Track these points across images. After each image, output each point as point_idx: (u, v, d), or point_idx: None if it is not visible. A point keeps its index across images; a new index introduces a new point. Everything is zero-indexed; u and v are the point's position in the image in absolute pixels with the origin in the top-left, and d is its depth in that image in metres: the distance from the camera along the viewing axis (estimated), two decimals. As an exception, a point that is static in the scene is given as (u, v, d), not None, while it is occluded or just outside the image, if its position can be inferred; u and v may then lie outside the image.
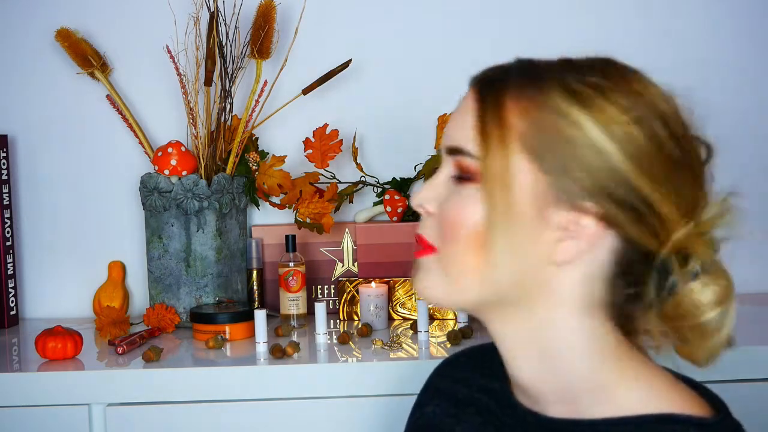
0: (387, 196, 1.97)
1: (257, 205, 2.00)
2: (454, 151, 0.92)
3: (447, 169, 0.94)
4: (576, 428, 0.92)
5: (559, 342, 0.93)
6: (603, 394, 0.92)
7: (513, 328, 0.94)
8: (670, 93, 0.93)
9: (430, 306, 1.77)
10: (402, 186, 1.99)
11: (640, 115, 0.88)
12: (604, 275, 0.91)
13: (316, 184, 1.95)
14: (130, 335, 1.74)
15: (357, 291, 1.89)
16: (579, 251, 0.89)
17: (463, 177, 0.92)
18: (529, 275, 0.91)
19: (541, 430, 0.95)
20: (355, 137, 2.00)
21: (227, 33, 1.91)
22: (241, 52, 1.92)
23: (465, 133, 0.91)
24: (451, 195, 0.93)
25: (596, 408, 0.92)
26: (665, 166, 0.89)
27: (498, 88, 0.91)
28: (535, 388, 0.95)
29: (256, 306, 1.97)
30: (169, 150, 1.87)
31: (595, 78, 0.89)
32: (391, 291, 1.89)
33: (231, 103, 1.91)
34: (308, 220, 1.90)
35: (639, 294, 0.92)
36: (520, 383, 0.97)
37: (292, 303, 1.87)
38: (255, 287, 1.97)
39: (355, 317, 1.90)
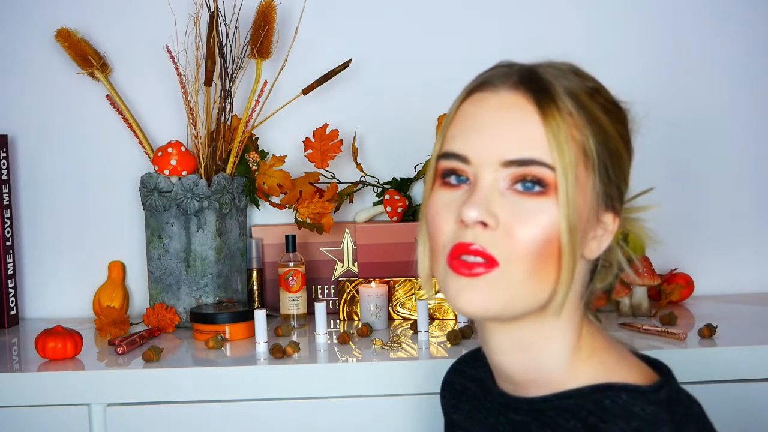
0: (387, 196, 1.97)
1: (257, 205, 2.00)
2: (527, 163, 0.92)
3: (499, 180, 0.93)
4: (531, 405, 0.99)
5: (547, 337, 0.98)
6: (567, 374, 0.98)
7: (515, 328, 0.98)
8: None
9: (430, 308, 1.76)
10: (402, 186, 1.99)
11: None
12: (594, 264, 1.01)
13: (316, 184, 1.95)
14: (130, 335, 1.74)
15: (357, 291, 1.89)
16: (601, 249, 0.98)
17: (535, 190, 0.92)
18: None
19: (506, 408, 1.02)
20: (355, 137, 2.00)
21: (227, 33, 1.91)
22: (241, 52, 1.92)
23: (535, 144, 0.92)
24: (517, 208, 0.92)
25: (558, 385, 0.98)
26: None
27: (552, 99, 0.94)
28: (517, 377, 1.00)
29: (256, 306, 1.97)
30: (169, 150, 1.87)
31: (608, 97, 0.98)
32: (391, 291, 1.89)
33: (231, 103, 1.91)
34: (308, 220, 1.90)
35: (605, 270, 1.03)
36: (503, 374, 1.02)
37: (292, 303, 1.87)
38: (255, 287, 1.97)
39: (355, 317, 1.90)
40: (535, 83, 0.94)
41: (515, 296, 0.93)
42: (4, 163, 1.97)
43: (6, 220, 1.98)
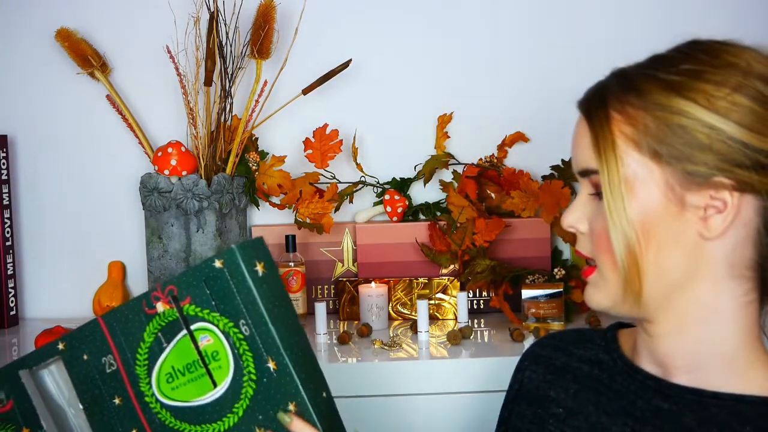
0: (387, 196, 1.97)
1: (257, 205, 2.00)
2: (585, 173, 1.00)
3: (586, 189, 1.01)
4: (697, 396, 0.97)
5: (707, 311, 0.97)
6: (735, 370, 0.97)
7: (667, 309, 0.98)
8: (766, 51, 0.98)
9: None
10: (402, 186, 1.99)
11: (738, 82, 0.93)
12: (754, 234, 0.95)
13: (316, 184, 1.95)
14: (130, 335, 1.74)
15: (357, 291, 1.89)
16: (726, 223, 0.94)
17: (599, 193, 0.98)
18: (687, 257, 0.95)
19: (659, 394, 1.00)
20: (355, 137, 2.00)
21: (227, 33, 1.91)
22: (241, 52, 1.92)
23: (587, 154, 0.98)
24: (596, 211, 0.99)
25: (724, 381, 0.96)
26: None
27: (601, 104, 0.98)
28: (669, 358, 0.99)
29: (256, 306, 1.96)
30: (169, 150, 1.87)
31: (686, 65, 0.95)
32: (391, 291, 1.89)
33: (231, 103, 1.91)
34: (308, 220, 1.90)
35: None
36: (654, 353, 1.01)
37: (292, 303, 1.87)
38: (255, 287, 1.97)
39: (355, 317, 1.90)
40: (587, 93, 1.00)
41: (618, 287, 0.97)
42: (4, 163, 1.97)
43: (6, 220, 1.98)
